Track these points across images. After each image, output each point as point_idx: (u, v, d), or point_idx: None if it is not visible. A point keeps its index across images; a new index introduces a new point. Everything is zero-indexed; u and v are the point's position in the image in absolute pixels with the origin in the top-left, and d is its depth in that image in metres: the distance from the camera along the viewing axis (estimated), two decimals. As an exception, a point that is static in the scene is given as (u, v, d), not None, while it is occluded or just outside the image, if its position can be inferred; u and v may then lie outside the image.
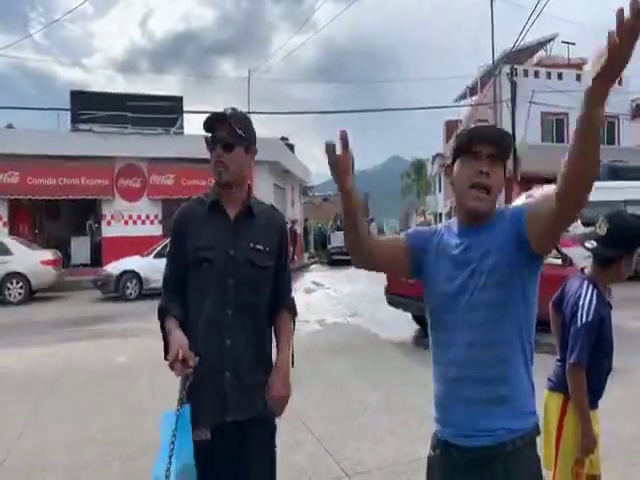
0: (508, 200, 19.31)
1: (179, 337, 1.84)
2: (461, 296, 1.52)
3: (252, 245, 1.96)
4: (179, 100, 19.64)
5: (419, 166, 48.16)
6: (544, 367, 2.39)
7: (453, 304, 1.53)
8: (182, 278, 1.99)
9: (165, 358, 1.85)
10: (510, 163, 18.74)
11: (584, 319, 2.18)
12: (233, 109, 2.00)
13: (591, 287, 2.27)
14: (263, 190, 17.41)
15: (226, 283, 1.93)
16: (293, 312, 2.14)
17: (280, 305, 2.10)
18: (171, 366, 1.78)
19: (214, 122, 1.97)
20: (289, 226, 22.96)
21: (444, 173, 1.69)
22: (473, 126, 1.56)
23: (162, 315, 1.97)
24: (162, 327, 1.96)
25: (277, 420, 2.05)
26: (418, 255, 1.65)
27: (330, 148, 1.43)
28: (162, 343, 1.94)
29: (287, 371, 2.03)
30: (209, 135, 1.98)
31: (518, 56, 24.11)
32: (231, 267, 1.93)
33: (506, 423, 1.48)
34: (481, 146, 1.51)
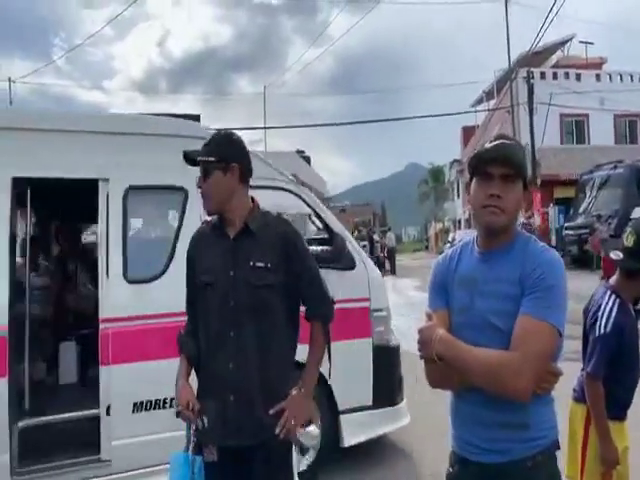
0: (529, 207, 19.06)
1: (185, 388, 1.97)
2: (470, 317, 1.52)
3: (252, 263, 1.93)
4: (196, 118, 19.82)
5: (437, 173, 47.85)
6: (569, 376, 2.35)
7: (463, 323, 1.54)
8: (194, 303, 2.05)
9: (174, 402, 2.00)
10: (529, 168, 18.50)
11: (602, 330, 2.16)
12: (214, 134, 2.07)
13: (613, 297, 2.23)
14: (281, 202, 17.46)
15: (227, 305, 1.92)
16: (324, 319, 2.05)
17: (309, 316, 2.06)
18: (179, 412, 1.94)
19: (189, 158, 2.03)
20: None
21: (465, 185, 1.68)
22: (484, 148, 1.56)
23: (179, 350, 2.08)
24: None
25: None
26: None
27: None
28: None
29: (308, 390, 2.00)
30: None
31: (535, 59, 23.89)
32: (231, 288, 1.93)
33: (526, 440, 1.47)
34: (493, 167, 1.50)
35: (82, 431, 3.38)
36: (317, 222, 4.25)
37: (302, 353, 2.08)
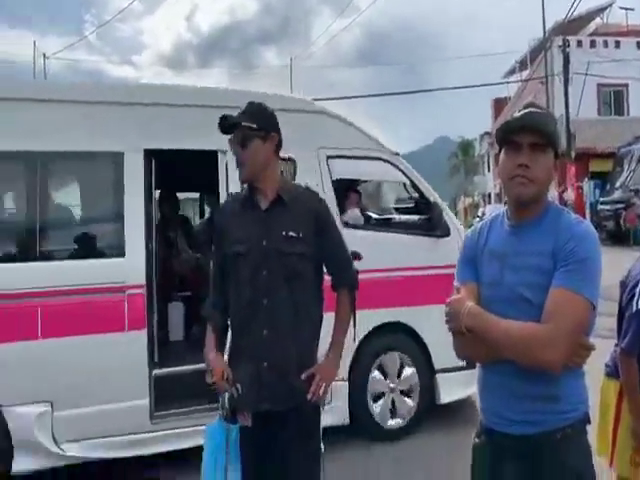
0: (562, 180, 18.56)
1: (217, 359, 2.03)
2: (500, 290, 1.51)
3: (284, 233, 1.97)
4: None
5: (466, 146, 46.83)
6: (602, 352, 2.32)
7: (493, 297, 1.53)
8: (223, 274, 2.08)
9: (206, 373, 2.03)
10: (563, 141, 17.96)
11: (638, 305, 2.10)
12: (249, 103, 2.05)
13: None
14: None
15: (260, 274, 1.96)
16: (350, 287, 2.12)
17: (337, 285, 2.12)
18: (213, 383, 1.99)
19: (226, 124, 2.01)
20: None
21: (495, 157, 1.66)
22: (511, 117, 1.52)
23: (206, 321, 2.12)
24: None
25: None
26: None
27: None
28: None
29: (337, 356, 2.07)
30: (228, 137, 2.04)
31: (571, 26, 22.89)
32: (263, 258, 1.97)
33: (555, 413, 1.46)
34: (521, 136, 1.47)
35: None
36: (411, 191, 4.49)
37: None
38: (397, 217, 4.68)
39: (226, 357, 2.09)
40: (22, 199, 3.47)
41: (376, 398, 4.01)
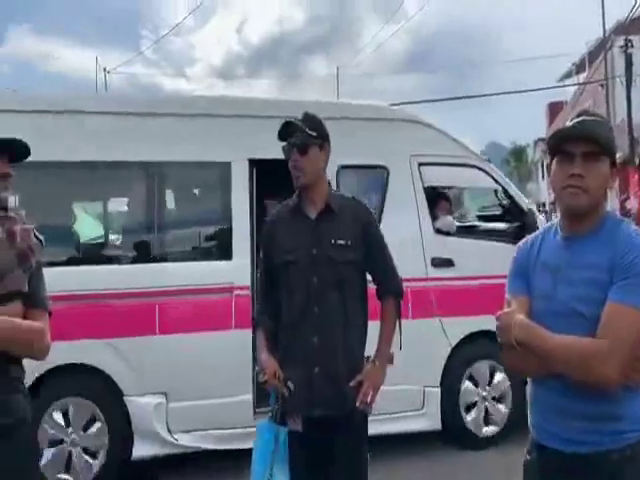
0: (625, 188, 17.86)
1: (270, 359, 2.05)
2: (552, 304, 1.47)
3: (333, 242, 2.02)
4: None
5: (519, 152, 45.71)
6: None
7: (545, 310, 1.49)
8: (272, 281, 2.14)
9: (258, 373, 2.09)
10: (626, 147, 17.27)
11: None
12: (305, 113, 2.11)
13: None
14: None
15: (310, 281, 2.02)
16: (396, 295, 2.15)
17: (383, 293, 2.15)
18: (265, 381, 2.02)
19: (287, 129, 2.07)
20: None
21: (546, 167, 1.64)
22: (563, 125, 1.50)
23: (255, 325, 2.21)
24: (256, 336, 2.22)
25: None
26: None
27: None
28: None
29: (383, 363, 2.08)
30: (284, 143, 2.08)
31: (634, 25, 22.05)
32: (314, 266, 2.02)
33: (614, 433, 1.40)
34: (573, 145, 1.43)
35: None
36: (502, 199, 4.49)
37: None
38: (485, 224, 4.70)
39: None
40: (141, 206, 3.77)
41: (469, 407, 4.03)
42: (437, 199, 4.28)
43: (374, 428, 2.30)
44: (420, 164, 3.98)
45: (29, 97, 3.83)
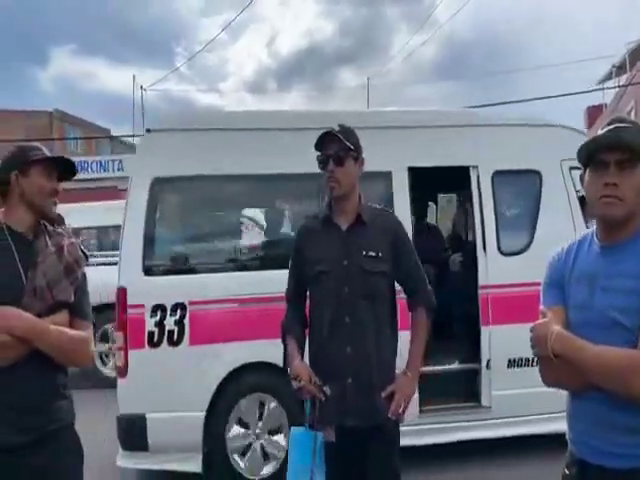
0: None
1: (303, 365, 2.06)
2: (590, 314, 1.45)
3: (364, 253, 2.04)
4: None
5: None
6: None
7: (582, 321, 1.47)
8: (302, 291, 2.19)
9: (290, 378, 2.06)
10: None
11: None
12: (340, 125, 2.11)
13: None
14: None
15: (342, 292, 2.04)
16: (427, 306, 2.16)
17: (413, 303, 2.17)
18: (300, 388, 2.00)
19: (325, 140, 2.08)
20: None
21: (579, 178, 1.58)
22: (595, 135, 1.49)
23: (284, 334, 2.19)
24: (284, 344, 2.19)
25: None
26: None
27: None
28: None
29: (415, 374, 2.09)
30: (319, 153, 2.10)
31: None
32: (345, 276, 2.04)
33: None
34: (607, 154, 1.42)
35: (463, 381, 4.07)
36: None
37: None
38: None
39: None
40: (273, 218, 4.08)
41: None
42: (582, 203, 4.30)
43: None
44: (571, 168, 4.02)
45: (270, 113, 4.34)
